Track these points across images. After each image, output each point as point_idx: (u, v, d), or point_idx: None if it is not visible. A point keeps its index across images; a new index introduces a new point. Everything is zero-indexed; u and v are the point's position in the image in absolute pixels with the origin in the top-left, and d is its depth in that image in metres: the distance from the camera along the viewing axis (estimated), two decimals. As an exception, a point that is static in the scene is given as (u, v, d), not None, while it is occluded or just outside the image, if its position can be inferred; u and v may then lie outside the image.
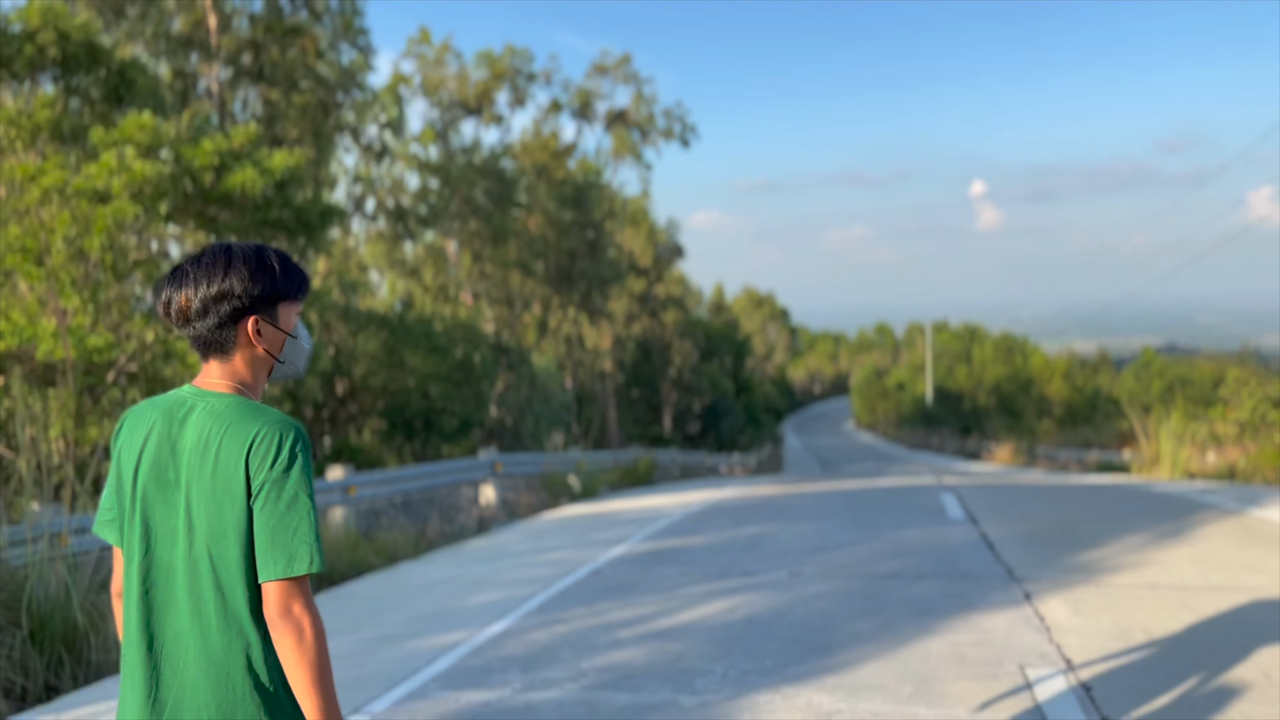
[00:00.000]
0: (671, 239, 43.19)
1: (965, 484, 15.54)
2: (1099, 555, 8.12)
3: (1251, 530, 9.45)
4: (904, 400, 69.54)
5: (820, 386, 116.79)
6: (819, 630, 5.81)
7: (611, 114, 36.47)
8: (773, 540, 9.29)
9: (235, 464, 1.79)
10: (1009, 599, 6.49)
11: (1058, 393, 56.29)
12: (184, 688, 1.80)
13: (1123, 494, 13.49)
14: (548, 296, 32.37)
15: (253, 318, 1.87)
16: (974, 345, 69.16)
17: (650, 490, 17.29)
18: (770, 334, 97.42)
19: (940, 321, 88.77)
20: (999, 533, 9.40)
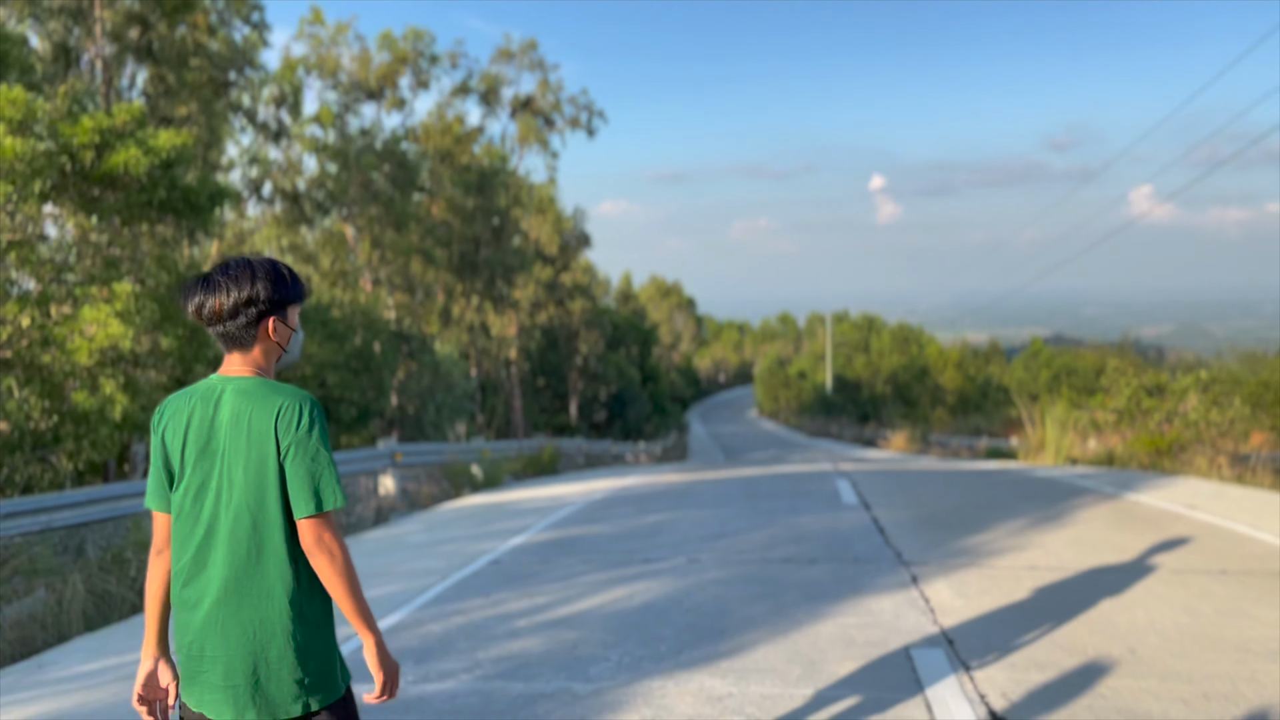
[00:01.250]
0: (578, 227, 43.09)
1: (861, 470, 15.94)
2: (984, 539, 8.44)
3: (1125, 513, 9.94)
4: (805, 389, 70.92)
5: (725, 375, 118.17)
6: (714, 615, 5.89)
7: (517, 100, 36.13)
8: (673, 527, 9.38)
9: (266, 430, 2.27)
10: (897, 582, 6.69)
11: (951, 382, 58.14)
12: (230, 611, 2.27)
13: (1009, 479, 14.03)
14: (451, 284, 31.95)
15: (272, 318, 2.37)
16: (872, 335, 70.89)
17: (554, 479, 17.27)
18: (677, 323, 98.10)
19: (840, 312, 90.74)
20: (890, 518, 9.68)
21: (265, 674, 2.28)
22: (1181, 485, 12.74)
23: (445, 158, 31.93)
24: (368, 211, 26.23)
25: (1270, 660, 4.86)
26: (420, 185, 28.75)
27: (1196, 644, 5.13)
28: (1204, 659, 4.88)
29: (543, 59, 36.36)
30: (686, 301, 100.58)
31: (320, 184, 25.10)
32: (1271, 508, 10.39)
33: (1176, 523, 9.26)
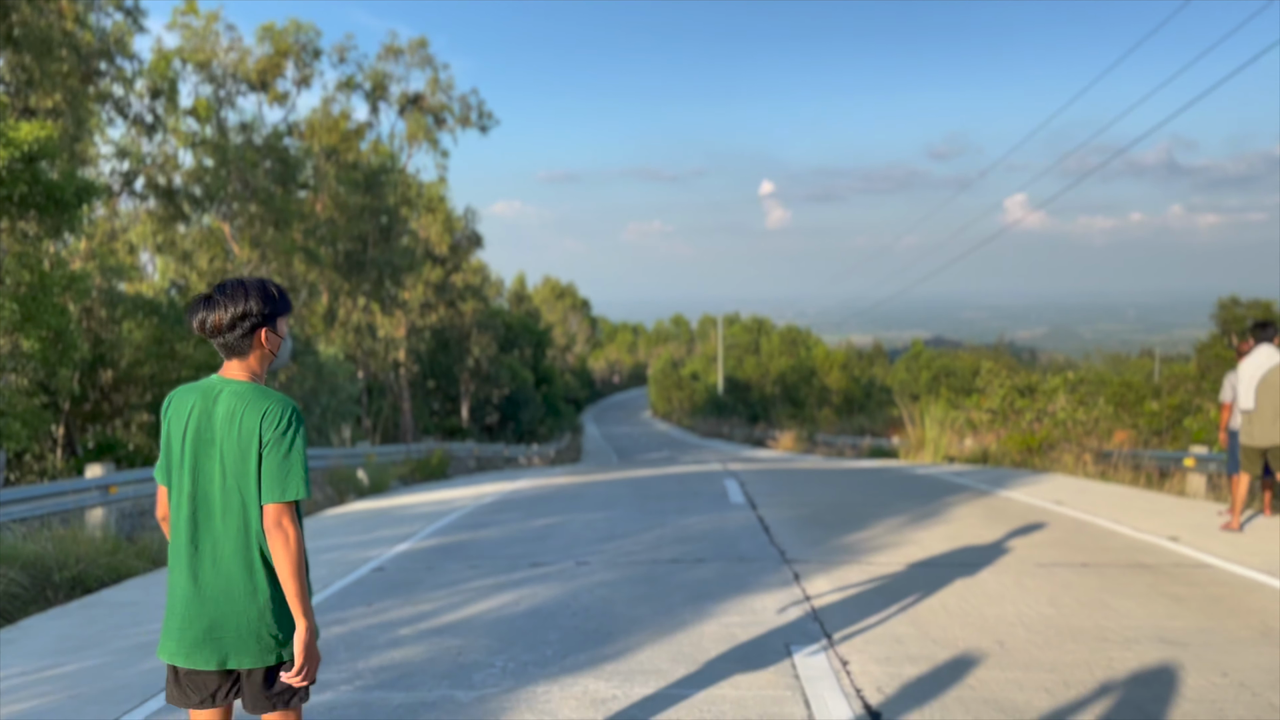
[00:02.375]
0: (470, 227, 42.57)
1: (749, 470, 16.21)
2: (864, 536, 8.68)
3: (997, 510, 10.37)
4: (698, 390, 71.73)
5: (620, 377, 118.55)
6: (600, 618, 5.90)
7: (406, 98, 35.46)
8: (562, 530, 9.35)
9: (253, 428, 2.69)
10: (780, 580, 6.82)
11: (837, 382, 59.62)
12: (219, 573, 2.70)
13: (890, 477, 14.47)
14: (337, 284, 31.15)
15: (264, 329, 2.78)
16: (762, 337, 72.15)
17: (444, 484, 17.02)
18: (571, 324, 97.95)
19: (732, 314, 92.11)
20: (775, 516, 9.86)
21: (245, 629, 2.71)
22: (1050, 482, 13.36)
23: (331, 154, 31.11)
24: (247, 209, 25.35)
25: (1125, 648, 5.14)
26: (304, 182, 27.94)
27: (1059, 635, 5.39)
28: (1066, 649, 5.13)
29: (432, 57, 35.79)
30: (581, 303, 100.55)
31: (197, 179, 24.13)
32: (1130, 503, 10.99)
33: (1044, 518, 9.70)
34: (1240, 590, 6.45)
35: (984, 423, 20.71)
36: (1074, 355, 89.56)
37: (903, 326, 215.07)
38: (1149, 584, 6.61)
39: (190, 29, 27.50)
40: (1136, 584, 6.62)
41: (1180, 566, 7.21)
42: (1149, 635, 5.36)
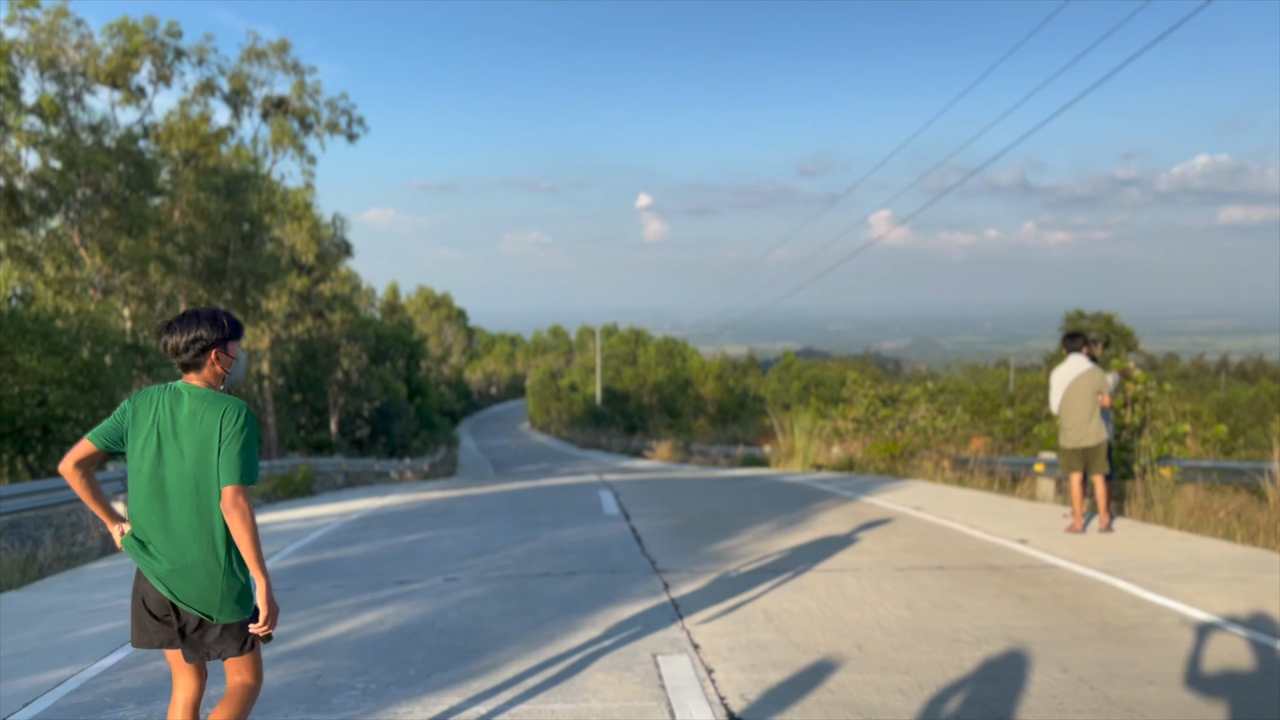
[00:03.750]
0: (338, 235, 41.44)
1: (624, 481, 16.27)
2: (733, 544, 8.81)
3: (860, 516, 10.69)
4: (576, 401, 71.65)
5: (497, 388, 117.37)
6: (468, 635, 5.80)
7: (270, 101, 34.29)
8: (432, 546, 9.17)
9: (213, 426, 3.26)
10: (650, 590, 6.86)
11: (712, 393, 60.50)
12: (181, 547, 3.25)
13: (760, 486, 14.75)
14: (196, 293, 29.82)
15: (215, 351, 3.36)
16: (639, 349, 72.64)
17: (309, 501, 16.48)
18: (447, 335, 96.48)
19: (610, 325, 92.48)
20: (648, 526, 9.92)
21: (203, 591, 3.27)
22: (911, 488, 13.87)
23: (190, 159, 29.80)
24: (98, 214, 24.01)
25: (976, 648, 5.36)
26: (160, 187, 26.67)
27: (915, 637, 5.58)
28: (920, 650, 5.31)
29: (298, 60, 34.75)
30: (457, 313, 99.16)
31: (42, 182, 22.72)
32: (984, 507, 11.50)
33: (903, 523, 10.06)
34: (1082, 589, 6.82)
35: (850, 431, 21.35)
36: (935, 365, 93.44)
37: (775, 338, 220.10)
38: (999, 585, 6.93)
39: (34, 23, 25.92)
40: (987, 585, 6.92)
41: (1028, 568, 7.58)
42: (998, 634, 5.61)
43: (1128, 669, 4.95)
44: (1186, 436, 12.38)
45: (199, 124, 30.83)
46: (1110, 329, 37.35)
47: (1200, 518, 9.54)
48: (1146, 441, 11.79)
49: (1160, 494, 10.47)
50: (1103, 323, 38.06)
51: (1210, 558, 7.92)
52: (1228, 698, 4.55)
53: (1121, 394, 12.17)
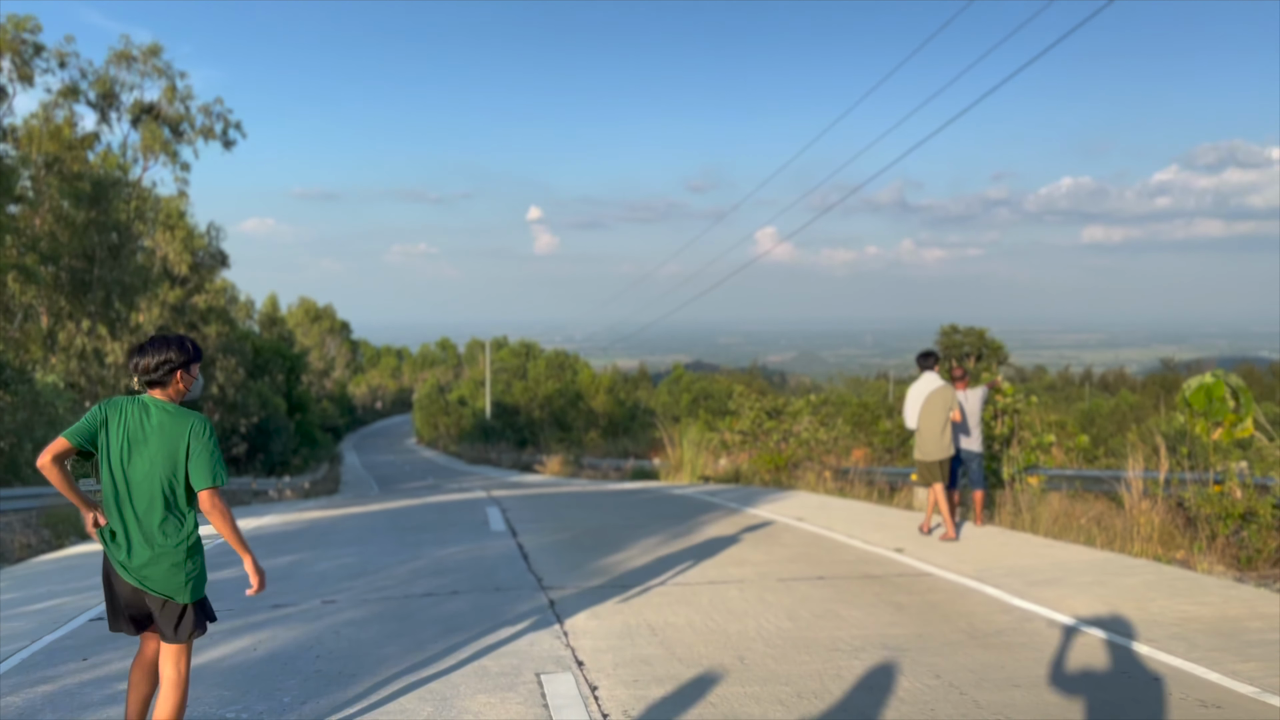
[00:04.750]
0: (214, 245, 39.94)
1: (513, 496, 16.11)
2: (621, 559, 8.81)
3: (745, 527, 10.84)
4: (465, 415, 70.67)
5: (383, 403, 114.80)
6: (346, 659, 5.63)
7: (139, 106, 32.84)
8: (309, 567, 8.89)
9: (180, 436, 3.76)
10: (535, 608, 6.79)
11: (603, 406, 60.55)
12: (148, 539, 3.73)
13: (649, 499, 14.81)
14: (59, 306, 28.27)
15: (179, 371, 3.84)
16: (530, 362, 72.21)
17: (181, 521, 15.74)
18: (330, 348, 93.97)
19: (500, 338, 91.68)
20: (535, 543, 9.84)
21: (167, 576, 3.76)
22: (794, 499, 14.14)
23: (54, 164, 28.28)
24: (-51, 220, 22.54)
25: (854, 656, 5.48)
26: (19, 194, 25.21)
27: (795, 647, 5.68)
28: (800, 660, 5.41)
29: (170, 64, 33.39)
30: (340, 326, 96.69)
31: (-115, 185, 21.20)
32: (863, 517, 11.81)
33: (786, 534, 10.24)
34: (954, 596, 7.07)
35: (737, 443, 21.66)
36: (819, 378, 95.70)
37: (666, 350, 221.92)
38: (876, 594, 7.12)
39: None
40: (865, 594, 7.10)
41: (904, 576, 7.82)
42: (874, 643, 5.75)
43: (995, 673, 5.15)
44: (1052, 446, 12.98)
45: (63, 128, 29.28)
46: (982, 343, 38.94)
47: (1064, 524, 10.01)
48: (1015, 451, 12.32)
49: (1028, 502, 10.95)
50: (975, 337, 39.65)
51: (1072, 563, 8.32)
52: (1087, 697, 4.78)
53: (991, 406, 12.68)
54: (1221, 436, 9.55)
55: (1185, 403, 9.74)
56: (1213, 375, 9.68)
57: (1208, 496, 8.98)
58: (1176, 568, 8.27)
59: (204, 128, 34.48)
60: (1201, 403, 9.56)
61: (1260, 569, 8.26)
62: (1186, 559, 8.60)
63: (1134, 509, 9.48)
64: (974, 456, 10.58)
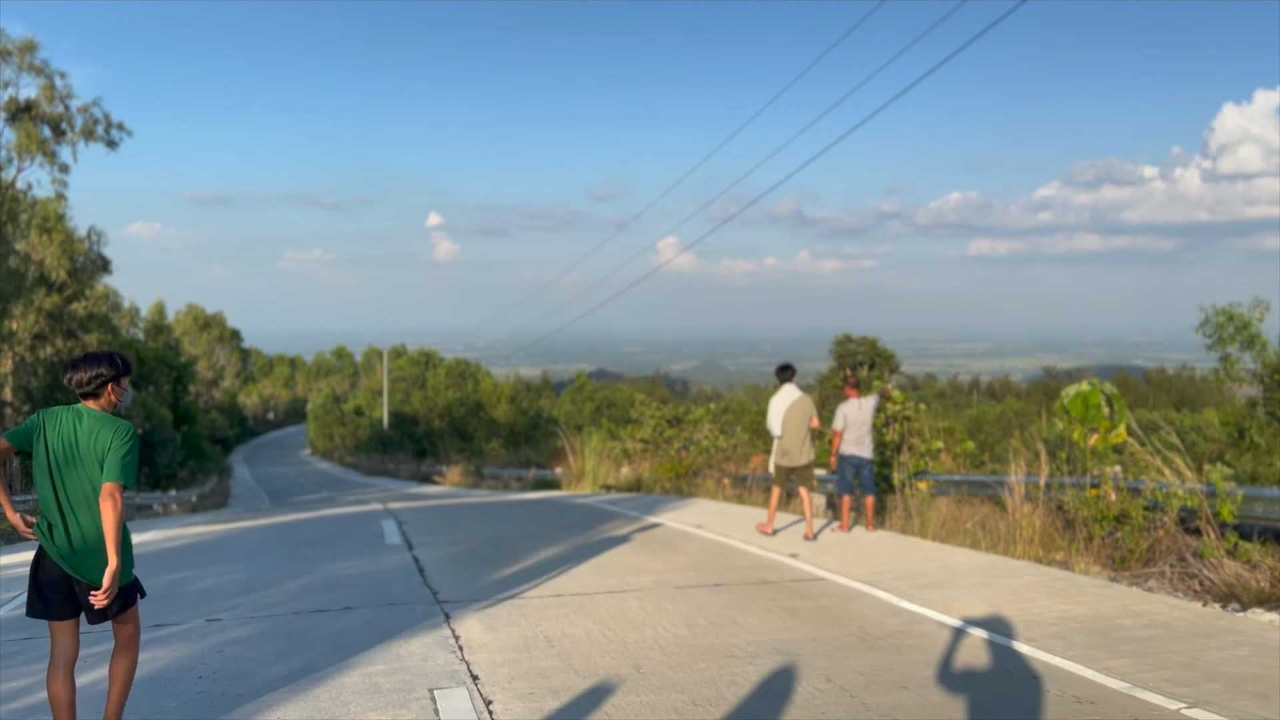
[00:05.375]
0: (95, 249, 38.19)
1: (410, 509, 15.83)
2: (519, 570, 8.74)
3: (645, 535, 10.88)
4: (362, 425, 69.17)
5: (276, 413, 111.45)
6: (231, 679, 5.44)
7: (14, 105, 31.21)
8: (193, 585, 8.56)
9: (107, 440, 4.15)
10: (430, 623, 6.68)
11: (505, 415, 60.04)
12: (82, 533, 4.14)
13: (550, 509, 14.74)
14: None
15: (110, 384, 4.25)
16: (429, 371, 71.14)
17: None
18: (219, 357, 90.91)
19: (398, 346, 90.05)
20: (432, 556, 9.68)
21: (97, 565, 4.15)
22: (694, 506, 14.26)
23: (-84, 161, 26.68)
24: None
25: (748, 662, 5.55)
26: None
27: (691, 655, 5.72)
28: (696, 668, 5.45)
29: (47, 62, 31.83)
30: (230, 334, 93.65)
31: None
32: (757, 522, 11.97)
33: (685, 541, 10.32)
34: (846, 600, 7.22)
35: (638, 451, 21.74)
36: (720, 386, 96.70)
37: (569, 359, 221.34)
38: (770, 599, 7.22)
39: None
40: (760, 600, 7.20)
41: (798, 581, 7.95)
42: (768, 648, 5.84)
43: (885, 675, 5.28)
44: (940, 452, 13.40)
45: (-73, 124, 27.62)
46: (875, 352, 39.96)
47: (951, 528, 10.34)
48: (905, 458, 12.67)
49: (917, 507, 11.27)
50: (868, 346, 40.68)
51: (959, 566, 8.59)
52: (971, 696, 4.93)
53: (882, 414, 13.02)
54: (1097, 442, 10.00)
55: (1064, 410, 10.17)
56: (1089, 383, 10.14)
57: (1085, 500, 9.39)
58: (1056, 569, 8.62)
59: (85, 128, 32.98)
60: (1079, 410, 10.00)
61: (1133, 568, 8.68)
62: (1065, 560, 8.97)
63: (1016, 512, 9.85)
64: (866, 463, 10.86)
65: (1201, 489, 8.59)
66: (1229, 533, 8.31)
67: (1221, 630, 6.28)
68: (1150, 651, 5.74)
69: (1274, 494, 8.19)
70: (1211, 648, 5.83)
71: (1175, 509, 8.72)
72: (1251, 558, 7.90)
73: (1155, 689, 5.00)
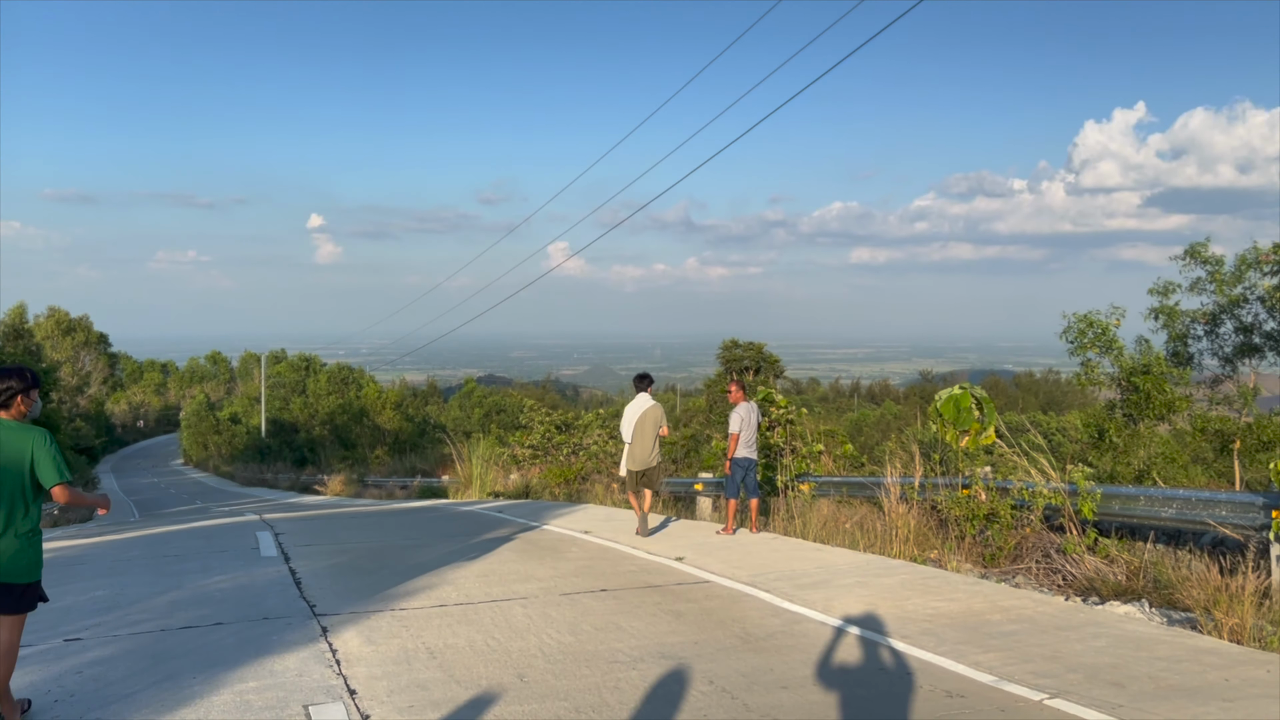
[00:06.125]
0: (-55, 249, 35.79)
1: (289, 519, 15.34)
2: (401, 581, 8.55)
3: (533, 542, 10.80)
4: (238, 433, 66.74)
5: (146, 421, 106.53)
6: (90, 702, 5.15)
7: None
8: (50, 604, 8.06)
9: (25, 448, 4.70)
10: (306, 636, 6.47)
11: (390, 422, 58.81)
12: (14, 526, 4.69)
13: (435, 517, 14.49)
14: None
15: (20, 396, 4.79)
16: (310, 377, 69.23)
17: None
18: (84, 363, 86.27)
19: (278, 351, 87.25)
20: (310, 568, 9.39)
21: (14, 559, 4.66)
22: (582, 512, 14.23)
23: None
24: None
25: (632, 668, 5.56)
26: None
27: (575, 662, 5.69)
28: (580, 675, 5.42)
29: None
30: (97, 338, 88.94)
31: None
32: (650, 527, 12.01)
33: (573, 547, 10.29)
34: (729, 601, 7.31)
35: (527, 457, 21.60)
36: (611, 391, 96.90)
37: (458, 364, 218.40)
38: (656, 603, 7.26)
39: None
40: (646, 604, 7.23)
41: (683, 584, 8.02)
42: (653, 653, 5.86)
43: (765, 676, 5.36)
44: (822, 455, 13.72)
45: None
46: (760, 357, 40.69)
47: (832, 529, 10.60)
48: (789, 460, 12.93)
49: (800, 509, 11.51)
50: (754, 351, 41.40)
51: (838, 566, 8.81)
52: (847, 694, 5.05)
53: (766, 418, 13.26)
54: (968, 444, 10.41)
55: (937, 413, 10.55)
56: (960, 387, 10.54)
57: (957, 500, 9.75)
58: (930, 567, 8.92)
59: (-68, 117, 30.83)
60: (951, 413, 10.39)
61: (1002, 565, 9.05)
62: (939, 558, 9.30)
63: (893, 513, 10.16)
64: (753, 465, 11.06)
65: (1065, 488, 9.02)
66: (1090, 529, 8.76)
67: (1082, 623, 6.60)
68: (1016, 645, 5.99)
69: (1130, 491, 8.66)
70: (1073, 640, 6.12)
71: (1040, 507, 9.14)
72: (1110, 553, 8.34)
73: (1021, 681, 5.22)
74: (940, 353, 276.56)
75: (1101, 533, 8.88)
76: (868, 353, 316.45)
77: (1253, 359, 18.74)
